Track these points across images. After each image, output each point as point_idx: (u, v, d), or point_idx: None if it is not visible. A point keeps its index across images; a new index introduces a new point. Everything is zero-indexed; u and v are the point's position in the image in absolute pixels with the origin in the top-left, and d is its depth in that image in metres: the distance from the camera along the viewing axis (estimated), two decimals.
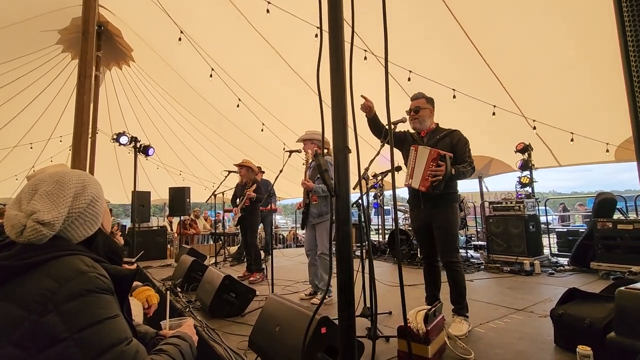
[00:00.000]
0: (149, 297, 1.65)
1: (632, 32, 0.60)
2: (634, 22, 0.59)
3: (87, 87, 3.34)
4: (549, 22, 4.21)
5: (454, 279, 2.58)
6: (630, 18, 0.59)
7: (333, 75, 1.05)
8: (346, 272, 1.02)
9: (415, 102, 2.75)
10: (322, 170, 1.02)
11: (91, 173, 7.27)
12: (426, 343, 1.96)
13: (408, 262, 5.82)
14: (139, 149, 6.30)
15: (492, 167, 7.16)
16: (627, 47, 0.61)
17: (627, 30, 0.60)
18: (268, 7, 4.67)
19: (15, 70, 7.10)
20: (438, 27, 4.73)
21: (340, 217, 1.03)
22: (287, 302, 2.05)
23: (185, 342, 1.05)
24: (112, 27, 7.23)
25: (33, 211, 0.86)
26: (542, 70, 4.83)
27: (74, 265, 0.84)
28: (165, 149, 10.52)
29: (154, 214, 13.36)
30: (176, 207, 7.53)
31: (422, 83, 5.26)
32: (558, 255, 5.97)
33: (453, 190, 2.70)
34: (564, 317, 2.18)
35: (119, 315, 0.87)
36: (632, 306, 1.44)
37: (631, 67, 0.62)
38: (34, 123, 8.94)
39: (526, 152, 5.65)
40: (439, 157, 2.48)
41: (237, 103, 7.25)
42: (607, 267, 4.24)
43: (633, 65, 0.62)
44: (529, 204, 5.18)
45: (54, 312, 0.77)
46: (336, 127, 1.04)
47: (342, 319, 1.02)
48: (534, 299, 3.39)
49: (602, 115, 4.99)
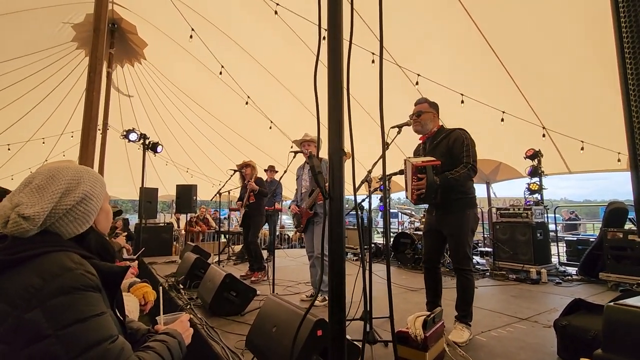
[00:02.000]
0: (146, 293, 1.66)
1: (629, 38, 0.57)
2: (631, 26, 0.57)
3: (96, 83, 3.39)
4: (565, 23, 4.14)
5: (462, 286, 2.52)
6: (627, 21, 0.57)
7: (330, 75, 1.04)
8: (337, 274, 1.00)
9: (418, 107, 2.73)
10: (316, 172, 1.01)
11: (101, 169, 7.40)
12: (424, 349, 1.93)
13: (412, 267, 5.77)
14: (148, 145, 6.37)
15: (500, 172, 7.05)
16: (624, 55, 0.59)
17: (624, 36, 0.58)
18: (276, 9, 4.69)
19: (31, 65, 7.25)
20: (452, 28, 4.69)
21: (334, 219, 1.02)
22: (285, 303, 2.04)
23: (174, 338, 1.04)
24: (126, 24, 7.34)
25: (17, 204, 0.86)
26: (556, 74, 4.74)
27: (60, 261, 0.84)
28: (174, 146, 10.65)
29: (161, 211, 13.51)
30: (183, 205, 7.60)
31: (431, 87, 5.22)
32: (566, 264, 5.85)
33: (464, 196, 2.55)
34: (568, 328, 2.13)
35: (105, 312, 0.86)
36: (621, 322, 1.39)
37: (627, 71, 0.60)
38: (47, 118, 9.13)
39: (536, 158, 5.56)
40: (418, 170, 2.41)
41: (245, 100, 7.29)
42: (616, 278, 4.13)
43: (629, 71, 0.59)
44: (537, 211, 5.08)
45: (38, 309, 0.76)
46: (332, 128, 1.02)
47: (332, 322, 1.00)
48: (539, 309, 3.32)
49: (614, 124, 4.87)
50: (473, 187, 2.64)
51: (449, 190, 2.48)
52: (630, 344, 1.34)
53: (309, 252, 3.64)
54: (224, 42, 6.36)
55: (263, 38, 6.20)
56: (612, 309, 1.44)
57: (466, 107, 5.23)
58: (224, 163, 10.68)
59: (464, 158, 2.49)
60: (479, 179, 7.40)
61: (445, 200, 2.51)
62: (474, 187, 2.66)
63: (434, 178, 2.38)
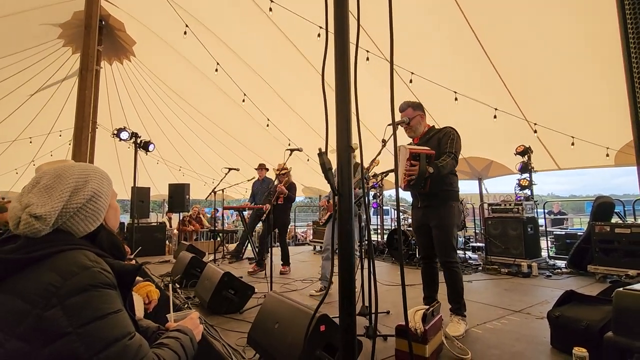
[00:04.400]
0: (150, 292, 1.66)
1: (634, 27, 0.60)
2: (636, 18, 0.59)
3: (88, 81, 3.33)
4: (556, 19, 4.22)
5: (451, 278, 2.59)
6: (632, 14, 0.60)
7: (338, 73, 1.06)
8: (347, 270, 1.02)
9: (404, 114, 2.79)
10: (326, 168, 1.03)
11: None
12: (424, 342, 1.97)
13: (406, 262, 5.83)
14: (140, 144, 6.29)
15: (492, 169, 7.17)
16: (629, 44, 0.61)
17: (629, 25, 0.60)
18: (271, 6, 4.67)
19: (16, 64, 7.08)
20: (445, 25, 4.74)
21: (343, 215, 1.04)
22: (287, 300, 2.06)
23: (186, 335, 1.06)
24: (114, 21, 7.21)
25: (28, 204, 0.86)
26: (546, 71, 4.84)
27: (78, 259, 0.84)
28: (165, 144, 10.52)
29: (153, 210, 13.33)
30: (176, 204, 7.54)
31: (424, 85, 5.26)
32: (555, 258, 6.00)
33: (449, 188, 2.66)
34: (561, 319, 2.20)
35: (122, 310, 0.87)
36: (630, 307, 1.47)
37: (632, 64, 0.62)
38: (34, 117, 8.92)
39: (526, 154, 5.67)
40: (412, 157, 2.48)
41: (242, 98, 7.25)
42: (604, 271, 4.25)
43: (634, 62, 0.62)
44: (528, 207, 5.20)
45: (58, 307, 0.77)
46: (340, 125, 1.04)
47: (342, 317, 1.02)
48: (530, 301, 3.41)
49: (603, 118, 5.00)
50: (457, 181, 2.77)
51: (437, 182, 2.57)
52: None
53: (325, 244, 3.88)
54: (214, 41, 6.31)
55: (253, 38, 6.18)
56: (622, 295, 1.52)
57: (460, 105, 5.30)
58: (215, 161, 10.62)
59: (447, 148, 2.61)
60: (472, 175, 7.51)
61: (431, 191, 2.58)
62: (458, 182, 2.80)
63: (426, 167, 2.45)
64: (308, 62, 6.01)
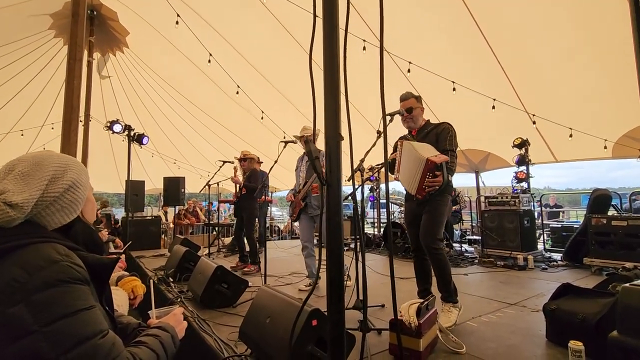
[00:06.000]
0: (135, 287, 1.61)
1: None
2: None
3: (77, 71, 3.24)
4: (555, 8, 4.15)
5: (438, 265, 2.55)
6: None
7: (327, 60, 1.00)
8: (336, 264, 0.98)
9: (406, 103, 2.75)
10: (313, 157, 0.98)
11: (83, 161, 7.20)
12: (418, 336, 1.94)
13: (402, 256, 5.82)
14: (133, 137, 6.20)
15: (489, 161, 7.14)
16: None
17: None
18: None
19: (7, 55, 6.93)
20: (444, 12, 4.65)
21: (332, 207, 0.99)
22: (279, 294, 2.02)
23: (167, 332, 1.01)
24: (106, 10, 7.06)
25: (2, 191, 0.81)
26: (546, 60, 4.77)
27: (45, 253, 0.79)
28: (160, 137, 10.41)
29: (148, 204, 13.24)
30: (171, 197, 7.46)
31: (422, 75, 5.19)
32: (551, 250, 6.00)
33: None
34: (557, 312, 2.18)
35: (94, 306, 0.82)
36: (638, 304, 1.36)
37: None
38: (26, 110, 8.79)
39: (523, 147, 5.64)
40: (435, 167, 2.39)
41: (236, 90, 7.15)
42: (600, 263, 4.25)
43: None
44: (525, 199, 5.18)
45: (22, 303, 0.72)
46: (328, 113, 0.99)
47: (331, 311, 0.98)
48: (526, 294, 3.40)
49: (601, 110, 4.96)
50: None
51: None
52: None
53: (306, 241, 3.73)
54: (208, 32, 6.20)
55: (248, 29, 6.06)
56: (628, 291, 1.42)
57: (458, 95, 5.24)
58: (211, 154, 10.52)
59: (446, 145, 2.61)
60: (469, 168, 7.48)
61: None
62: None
63: (448, 177, 2.41)
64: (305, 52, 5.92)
